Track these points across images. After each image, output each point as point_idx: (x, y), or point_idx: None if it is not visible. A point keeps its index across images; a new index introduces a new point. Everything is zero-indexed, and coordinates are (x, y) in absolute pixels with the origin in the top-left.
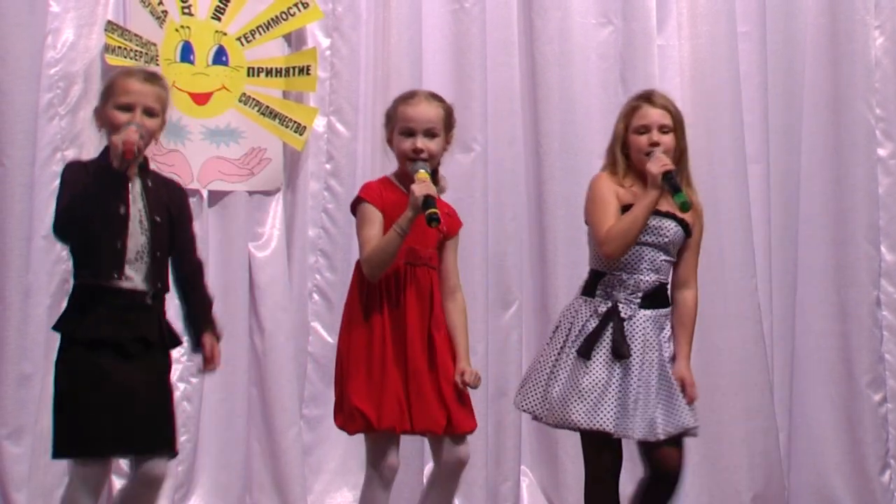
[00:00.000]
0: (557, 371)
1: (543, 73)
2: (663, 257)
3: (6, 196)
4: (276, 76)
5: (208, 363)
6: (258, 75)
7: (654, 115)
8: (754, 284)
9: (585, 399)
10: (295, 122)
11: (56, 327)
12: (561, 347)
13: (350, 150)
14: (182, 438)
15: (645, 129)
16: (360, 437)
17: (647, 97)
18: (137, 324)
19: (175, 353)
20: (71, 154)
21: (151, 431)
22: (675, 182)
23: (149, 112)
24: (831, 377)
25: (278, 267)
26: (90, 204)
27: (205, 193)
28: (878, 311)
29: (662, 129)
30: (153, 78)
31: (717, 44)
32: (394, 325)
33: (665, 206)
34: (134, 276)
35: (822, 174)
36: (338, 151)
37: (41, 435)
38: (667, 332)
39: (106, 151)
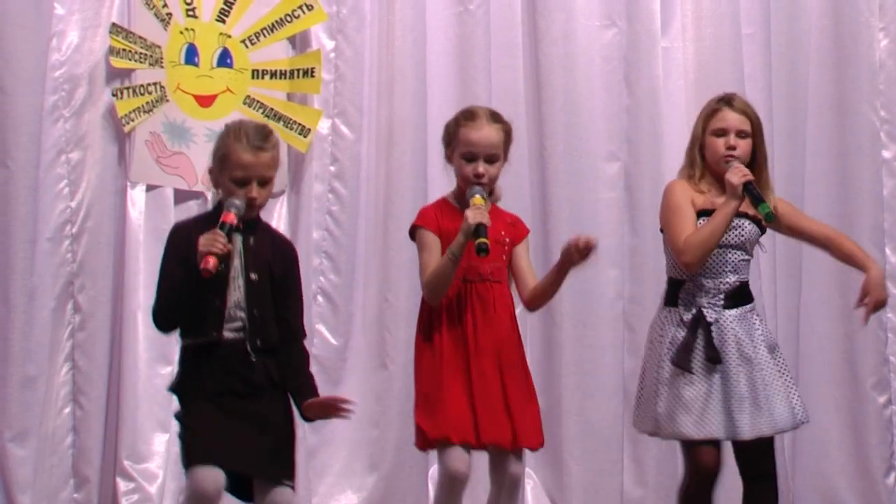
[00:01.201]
0: (659, 386)
1: (548, 75)
2: (741, 256)
3: (11, 198)
4: (280, 78)
5: (331, 410)
6: (262, 77)
7: (733, 119)
8: (759, 287)
9: (691, 410)
10: (299, 124)
11: (171, 389)
12: (658, 362)
13: (354, 153)
14: None
15: (723, 133)
16: (364, 440)
17: (728, 100)
18: (241, 372)
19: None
20: (76, 156)
21: (269, 459)
22: (756, 192)
23: (263, 182)
24: (836, 379)
25: None
26: (185, 306)
27: (209, 196)
28: (882, 313)
29: (740, 134)
30: (265, 143)
31: (721, 46)
32: (455, 342)
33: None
34: (230, 332)
35: (826, 176)
36: (342, 154)
37: (46, 437)
38: (758, 327)
39: (216, 210)
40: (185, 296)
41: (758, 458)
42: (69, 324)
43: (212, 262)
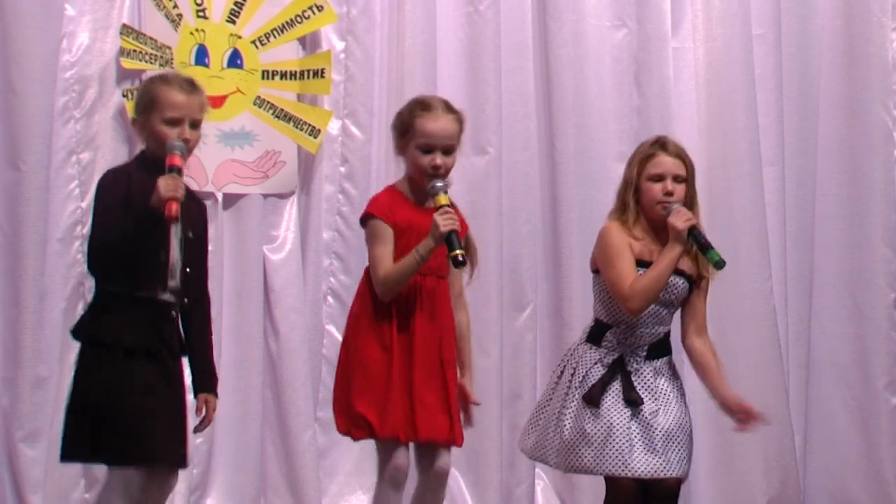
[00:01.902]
0: (563, 417)
1: (558, 75)
2: (665, 311)
3: (22, 200)
4: (290, 79)
5: (203, 423)
6: (273, 78)
7: (669, 163)
8: (769, 287)
9: (592, 444)
10: (309, 124)
11: (79, 333)
12: (566, 393)
13: (364, 153)
14: (197, 441)
15: (659, 178)
16: (370, 442)
17: (662, 144)
18: (164, 331)
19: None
20: (86, 157)
21: (170, 444)
22: (702, 239)
23: (194, 124)
24: (847, 380)
25: (293, 270)
26: (131, 248)
27: (219, 196)
28: (894, 313)
29: (676, 179)
30: (194, 87)
31: (732, 46)
32: (402, 335)
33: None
34: (169, 289)
35: (838, 177)
36: (352, 154)
37: (57, 438)
38: (664, 381)
39: (143, 159)
40: (130, 238)
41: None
42: None
43: (175, 207)
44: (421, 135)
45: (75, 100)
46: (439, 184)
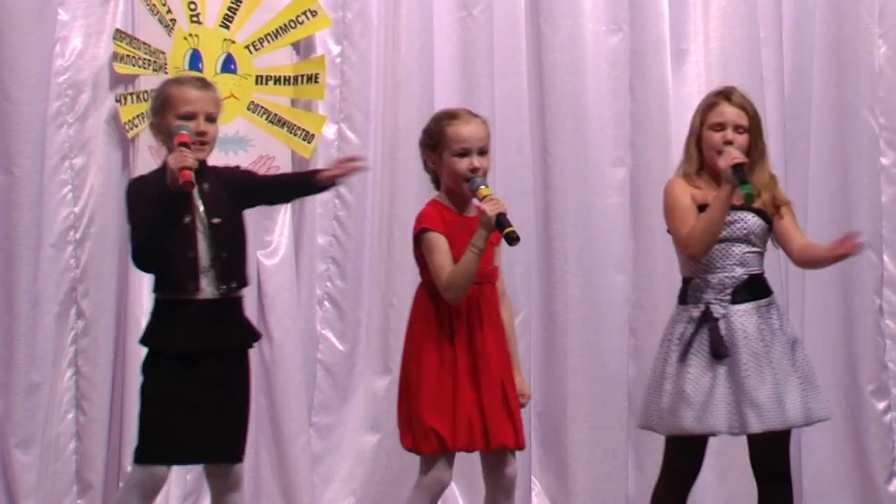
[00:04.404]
0: (664, 381)
1: (552, 80)
2: (746, 249)
3: (15, 205)
4: (284, 84)
5: (343, 169)
6: (266, 83)
7: (731, 113)
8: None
9: (692, 405)
10: (303, 130)
11: (143, 342)
12: (665, 359)
13: (360, 158)
14: None
15: (720, 127)
16: (370, 446)
17: (727, 94)
18: (212, 335)
19: None
20: (79, 162)
21: (222, 441)
22: (741, 174)
23: (210, 118)
24: (835, 386)
25: (286, 275)
26: (160, 236)
27: None
28: (881, 319)
29: (737, 129)
30: (206, 83)
31: (738, 48)
32: (463, 345)
33: (740, 199)
34: (206, 285)
35: (827, 183)
36: None
37: (49, 443)
38: (774, 321)
39: (164, 164)
40: (159, 227)
41: (770, 457)
42: (73, 329)
43: (188, 174)
44: (455, 141)
45: (68, 104)
46: (479, 179)
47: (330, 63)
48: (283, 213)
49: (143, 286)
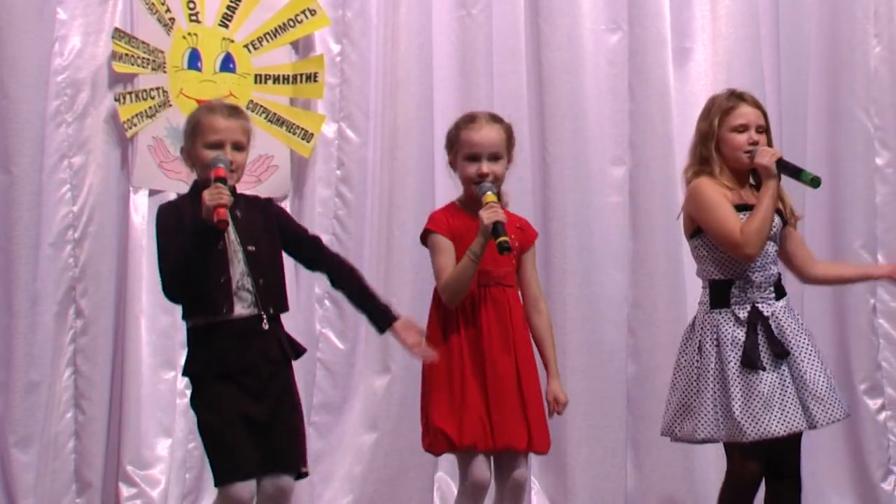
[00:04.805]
0: (729, 389)
1: (551, 79)
2: (774, 247)
3: (14, 204)
4: (283, 83)
5: (414, 349)
6: (265, 82)
7: (752, 114)
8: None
9: (771, 407)
10: (302, 129)
11: (185, 373)
12: (719, 365)
13: (361, 157)
14: (190, 446)
15: (744, 129)
16: (369, 445)
17: (740, 96)
18: (254, 349)
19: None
20: (78, 161)
21: (281, 452)
22: (792, 165)
23: (237, 146)
24: None
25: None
26: (193, 267)
27: None
28: (874, 318)
29: (759, 129)
30: (236, 112)
31: (741, 47)
32: (472, 345)
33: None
34: (241, 307)
35: (823, 183)
36: (348, 157)
37: (48, 442)
38: (798, 317)
39: (194, 188)
40: (193, 259)
41: (790, 456)
42: (71, 329)
43: (222, 212)
44: (466, 145)
45: (67, 104)
46: (487, 184)
47: (330, 62)
48: None
49: (142, 286)
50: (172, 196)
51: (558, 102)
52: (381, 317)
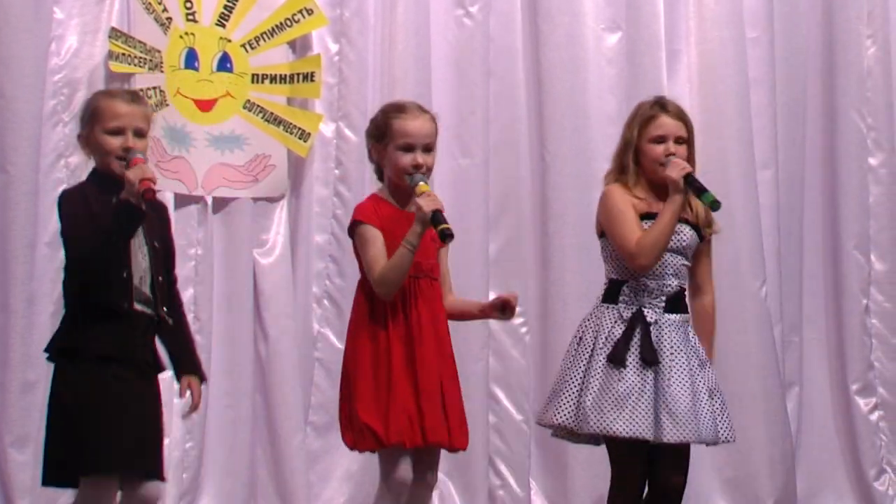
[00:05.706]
0: (589, 380)
1: (551, 79)
2: (681, 261)
3: (10, 203)
4: (280, 83)
5: (192, 408)
6: (262, 82)
7: (671, 125)
8: (765, 291)
9: (623, 407)
10: (299, 128)
11: (49, 349)
12: (590, 356)
13: (359, 156)
14: (187, 445)
15: (661, 140)
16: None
17: (662, 105)
18: (137, 346)
19: None
20: (75, 161)
21: (150, 455)
22: (698, 183)
23: (138, 133)
24: (823, 385)
25: (283, 273)
26: (114, 250)
27: (209, 200)
28: (867, 319)
29: (678, 140)
30: (137, 98)
31: (726, 49)
32: (403, 340)
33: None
34: (140, 304)
35: (818, 183)
36: (346, 157)
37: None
38: (691, 339)
39: (95, 176)
40: (114, 243)
41: (670, 469)
42: None
43: (148, 184)
44: (401, 135)
45: (64, 103)
46: (419, 175)
47: (328, 61)
48: (279, 212)
49: None
50: (169, 195)
51: (557, 102)
52: (186, 365)
